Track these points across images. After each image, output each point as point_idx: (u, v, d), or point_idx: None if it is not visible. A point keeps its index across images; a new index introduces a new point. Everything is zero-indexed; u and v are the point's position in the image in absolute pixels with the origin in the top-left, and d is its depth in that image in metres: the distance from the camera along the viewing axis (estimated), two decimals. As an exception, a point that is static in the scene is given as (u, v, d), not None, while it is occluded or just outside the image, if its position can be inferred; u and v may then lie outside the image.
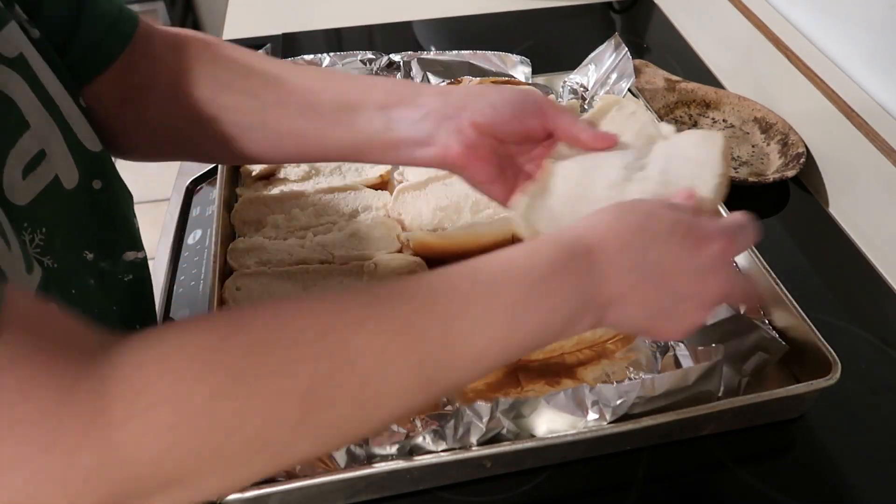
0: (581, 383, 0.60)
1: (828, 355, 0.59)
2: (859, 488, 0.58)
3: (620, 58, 0.90)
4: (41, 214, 0.47)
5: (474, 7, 1.25)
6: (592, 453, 0.58)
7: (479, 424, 0.53)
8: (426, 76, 0.93)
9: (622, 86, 0.90)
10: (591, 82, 0.92)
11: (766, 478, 0.58)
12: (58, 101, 0.49)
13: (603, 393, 0.55)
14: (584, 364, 0.64)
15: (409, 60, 0.92)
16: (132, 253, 0.59)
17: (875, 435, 0.62)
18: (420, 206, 0.76)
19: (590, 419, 0.55)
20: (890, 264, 0.76)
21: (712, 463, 0.60)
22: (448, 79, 0.92)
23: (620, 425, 0.55)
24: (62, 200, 0.50)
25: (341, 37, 1.20)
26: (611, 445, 0.58)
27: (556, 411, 0.54)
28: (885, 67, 0.79)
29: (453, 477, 0.56)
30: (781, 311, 0.64)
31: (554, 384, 0.62)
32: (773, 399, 0.58)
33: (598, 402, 0.55)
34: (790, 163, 0.85)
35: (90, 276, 0.54)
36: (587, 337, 0.64)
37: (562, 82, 0.94)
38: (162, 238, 0.80)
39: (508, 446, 0.54)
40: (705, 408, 0.56)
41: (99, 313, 0.55)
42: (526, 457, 0.56)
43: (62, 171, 0.49)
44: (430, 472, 0.54)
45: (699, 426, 0.59)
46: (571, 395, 0.55)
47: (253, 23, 1.22)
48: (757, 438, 0.61)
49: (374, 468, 0.52)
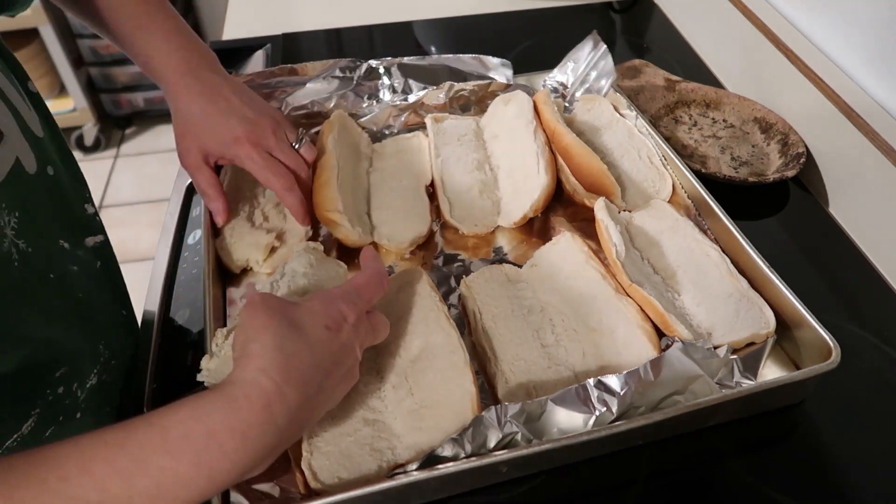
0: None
1: (827, 340, 0.59)
2: (859, 485, 0.58)
3: (599, 55, 0.90)
4: (12, 198, 0.50)
5: (474, 7, 1.26)
6: (605, 451, 0.58)
7: (495, 431, 0.53)
8: (407, 82, 0.92)
9: (602, 84, 0.90)
10: (570, 80, 0.92)
11: (767, 469, 0.58)
12: (2, 87, 0.52)
13: (606, 385, 0.55)
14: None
15: (390, 66, 0.91)
16: (91, 238, 0.62)
17: (875, 434, 0.62)
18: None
19: (597, 414, 0.54)
20: (890, 264, 0.76)
21: (715, 454, 0.60)
22: (430, 84, 0.91)
23: (632, 421, 0.55)
24: (28, 185, 0.53)
25: (341, 37, 1.20)
26: (623, 441, 0.58)
27: (565, 409, 0.54)
28: (885, 67, 0.79)
29: (468, 484, 0.56)
30: (775, 299, 0.65)
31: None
32: (777, 386, 0.58)
33: (604, 396, 0.55)
34: (790, 163, 0.85)
35: (72, 263, 0.57)
36: None
37: (542, 81, 0.94)
38: (162, 238, 0.79)
39: (524, 449, 0.53)
40: (714, 399, 0.56)
41: (85, 297, 0.59)
42: (541, 459, 0.55)
43: (21, 153, 0.52)
44: (447, 481, 0.54)
45: (707, 417, 0.59)
46: (575, 393, 0.55)
47: (253, 23, 1.22)
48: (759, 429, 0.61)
49: (394, 482, 0.51)
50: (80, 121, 2.48)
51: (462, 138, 0.86)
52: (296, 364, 0.45)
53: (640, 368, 0.55)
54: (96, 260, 0.63)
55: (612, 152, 0.84)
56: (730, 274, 0.68)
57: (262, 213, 0.76)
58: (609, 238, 0.69)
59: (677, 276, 0.70)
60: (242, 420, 0.42)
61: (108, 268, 0.65)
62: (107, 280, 0.65)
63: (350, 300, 0.52)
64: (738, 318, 0.64)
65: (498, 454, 0.53)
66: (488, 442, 0.53)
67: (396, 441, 0.56)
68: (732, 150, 0.91)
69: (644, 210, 0.77)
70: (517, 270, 0.71)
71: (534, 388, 0.60)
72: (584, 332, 0.64)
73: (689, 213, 0.77)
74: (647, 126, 0.84)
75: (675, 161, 0.80)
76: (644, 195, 0.79)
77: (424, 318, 0.62)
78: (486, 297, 0.67)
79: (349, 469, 0.54)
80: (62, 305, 0.57)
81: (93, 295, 0.61)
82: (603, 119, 0.88)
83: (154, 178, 2.46)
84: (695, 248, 0.71)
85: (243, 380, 0.44)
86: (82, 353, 0.59)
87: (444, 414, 0.56)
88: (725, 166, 0.88)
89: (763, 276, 0.67)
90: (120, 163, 2.54)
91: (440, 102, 0.91)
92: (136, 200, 2.38)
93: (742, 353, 0.62)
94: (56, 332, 0.55)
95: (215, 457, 0.40)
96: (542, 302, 0.68)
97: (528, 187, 0.78)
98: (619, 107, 0.89)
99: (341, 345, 0.49)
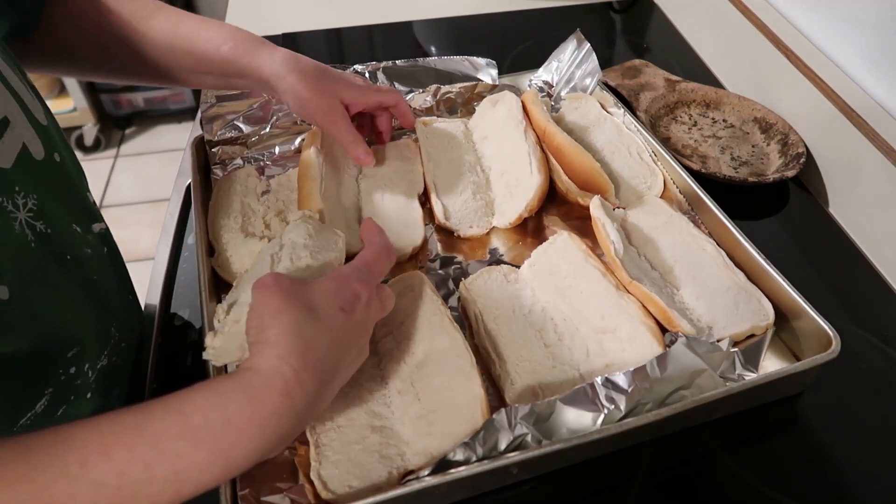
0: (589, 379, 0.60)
1: (827, 330, 0.60)
2: (859, 485, 0.58)
3: (583, 53, 0.90)
4: (26, 180, 0.51)
5: (474, 7, 1.26)
6: (614, 448, 0.58)
7: (506, 433, 0.53)
8: (393, 86, 0.91)
9: (588, 82, 0.90)
10: (555, 80, 0.92)
11: (764, 465, 0.58)
12: (6, 75, 0.52)
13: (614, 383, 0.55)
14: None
15: (375, 70, 0.91)
16: (97, 225, 0.63)
17: (875, 434, 0.62)
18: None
19: (605, 412, 0.54)
20: (890, 264, 0.76)
21: (715, 449, 0.60)
22: (415, 87, 0.91)
23: (642, 418, 0.55)
24: (38, 170, 0.53)
25: (341, 37, 1.20)
26: (631, 438, 0.58)
27: (574, 409, 0.54)
28: (885, 67, 0.79)
29: (480, 488, 0.56)
30: (773, 291, 0.65)
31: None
32: (781, 377, 0.58)
33: (612, 394, 0.55)
34: (790, 163, 0.85)
35: (86, 246, 0.58)
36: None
37: (528, 81, 0.94)
38: (162, 238, 0.79)
39: (537, 450, 0.53)
40: (719, 392, 0.56)
41: (98, 280, 0.60)
42: (552, 459, 0.55)
43: (28, 140, 0.52)
44: (459, 485, 0.53)
45: (713, 410, 0.59)
46: (584, 392, 0.55)
47: (253, 23, 1.22)
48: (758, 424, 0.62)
49: (407, 488, 0.51)
50: (80, 121, 2.49)
51: (452, 141, 0.86)
52: (313, 349, 0.45)
53: (647, 365, 0.55)
54: (103, 245, 0.63)
55: (601, 150, 0.84)
56: (727, 267, 0.68)
57: (262, 222, 0.76)
58: (606, 236, 0.69)
59: (675, 271, 0.70)
60: (262, 408, 0.42)
61: (114, 254, 0.66)
62: (113, 265, 0.65)
63: (361, 278, 0.52)
64: (738, 311, 0.65)
65: (510, 456, 0.52)
66: (499, 444, 0.53)
67: (405, 447, 0.56)
68: (732, 150, 0.91)
69: (638, 207, 0.77)
70: (515, 271, 0.71)
71: (540, 388, 0.60)
72: (587, 331, 0.64)
73: (681, 208, 0.77)
74: (636, 122, 0.84)
75: (666, 157, 0.80)
76: (636, 192, 0.80)
77: (428, 322, 0.62)
78: (487, 299, 0.67)
79: (360, 477, 0.54)
80: (78, 287, 0.57)
81: (103, 278, 0.61)
82: (590, 117, 0.88)
83: (154, 178, 2.46)
84: (691, 242, 0.71)
85: (262, 368, 0.44)
86: (94, 335, 0.59)
87: (453, 418, 0.56)
88: (725, 166, 0.88)
89: (759, 269, 0.67)
90: (120, 163, 2.54)
91: (427, 105, 0.91)
92: (136, 200, 2.38)
93: (743, 346, 0.63)
94: (71, 313, 0.56)
95: (233, 444, 0.41)
96: (542, 302, 0.68)
97: (522, 187, 0.78)
98: (605, 105, 0.89)
99: (355, 324, 0.50)
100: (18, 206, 0.50)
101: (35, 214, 0.51)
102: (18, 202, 0.50)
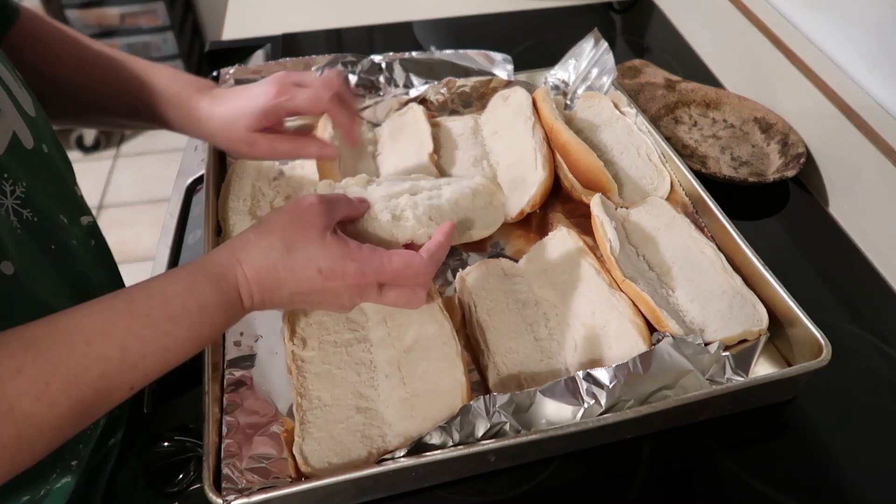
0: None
1: (818, 338, 0.60)
2: (857, 484, 0.58)
3: (600, 52, 0.90)
4: (15, 168, 0.53)
5: (474, 7, 1.26)
6: (593, 443, 0.58)
7: (483, 420, 0.53)
8: (409, 77, 0.93)
9: (604, 81, 0.90)
10: (571, 78, 0.92)
11: (761, 466, 0.58)
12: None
13: (595, 378, 0.55)
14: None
15: (392, 62, 0.92)
16: (85, 217, 0.64)
17: (875, 434, 0.62)
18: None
19: (586, 406, 0.55)
20: (890, 264, 0.76)
21: (706, 449, 0.60)
22: (431, 79, 0.92)
23: (620, 414, 0.55)
24: (27, 159, 0.55)
25: (341, 37, 1.20)
26: (611, 434, 0.58)
27: (553, 401, 0.55)
28: (885, 67, 0.79)
29: (458, 473, 0.57)
30: (769, 297, 0.65)
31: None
32: (766, 383, 0.58)
33: (593, 389, 0.55)
34: (790, 163, 0.85)
35: (72, 238, 0.60)
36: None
37: (543, 79, 0.94)
38: (162, 238, 0.80)
39: (512, 439, 0.54)
40: (702, 394, 0.57)
41: (85, 272, 0.61)
42: (529, 449, 0.56)
43: (18, 128, 0.54)
44: (435, 468, 0.54)
45: (697, 411, 0.59)
46: (564, 385, 0.55)
47: (253, 23, 1.22)
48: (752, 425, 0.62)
49: (382, 467, 0.52)
50: (80, 121, 2.48)
51: (460, 136, 0.87)
52: (269, 273, 0.51)
53: (630, 362, 0.55)
54: (90, 238, 0.64)
55: (611, 149, 0.84)
56: (724, 271, 0.68)
57: (270, 206, 0.77)
58: (604, 233, 0.70)
59: (672, 272, 0.70)
60: (225, 298, 0.50)
61: (103, 249, 0.67)
62: (102, 259, 0.66)
63: (362, 270, 0.52)
64: (731, 315, 0.65)
65: (485, 443, 0.53)
66: (476, 431, 0.54)
67: (387, 429, 0.57)
68: (732, 150, 0.91)
69: (641, 207, 0.77)
70: (513, 265, 0.72)
71: (525, 379, 0.61)
72: (577, 326, 0.65)
73: (686, 210, 0.77)
74: (647, 124, 0.84)
75: (674, 159, 0.80)
76: (642, 192, 0.80)
77: (420, 309, 0.63)
78: (482, 291, 0.68)
79: (339, 454, 0.56)
80: (63, 278, 0.58)
81: (90, 271, 0.62)
82: (603, 116, 0.88)
83: (154, 178, 2.46)
84: (690, 244, 0.71)
85: (224, 263, 0.51)
86: None
87: (435, 403, 0.57)
88: (725, 166, 0.88)
89: (757, 274, 0.67)
90: (120, 163, 2.54)
91: (442, 97, 0.92)
92: (136, 200, 2.38)
93: (734, 350, 0.62)
94: (56, 303, 0.56)
95: (205, 324, 0.49)
96: (537, 296, 0.68)
97: (525, 182, 0.79)
98: (619, 104, 0.89)
99: (325, 290, 0.52)
100: (6, 192, 0.52)
101: (22, 202, 0.53)
102: (6, 189, 0.52)
